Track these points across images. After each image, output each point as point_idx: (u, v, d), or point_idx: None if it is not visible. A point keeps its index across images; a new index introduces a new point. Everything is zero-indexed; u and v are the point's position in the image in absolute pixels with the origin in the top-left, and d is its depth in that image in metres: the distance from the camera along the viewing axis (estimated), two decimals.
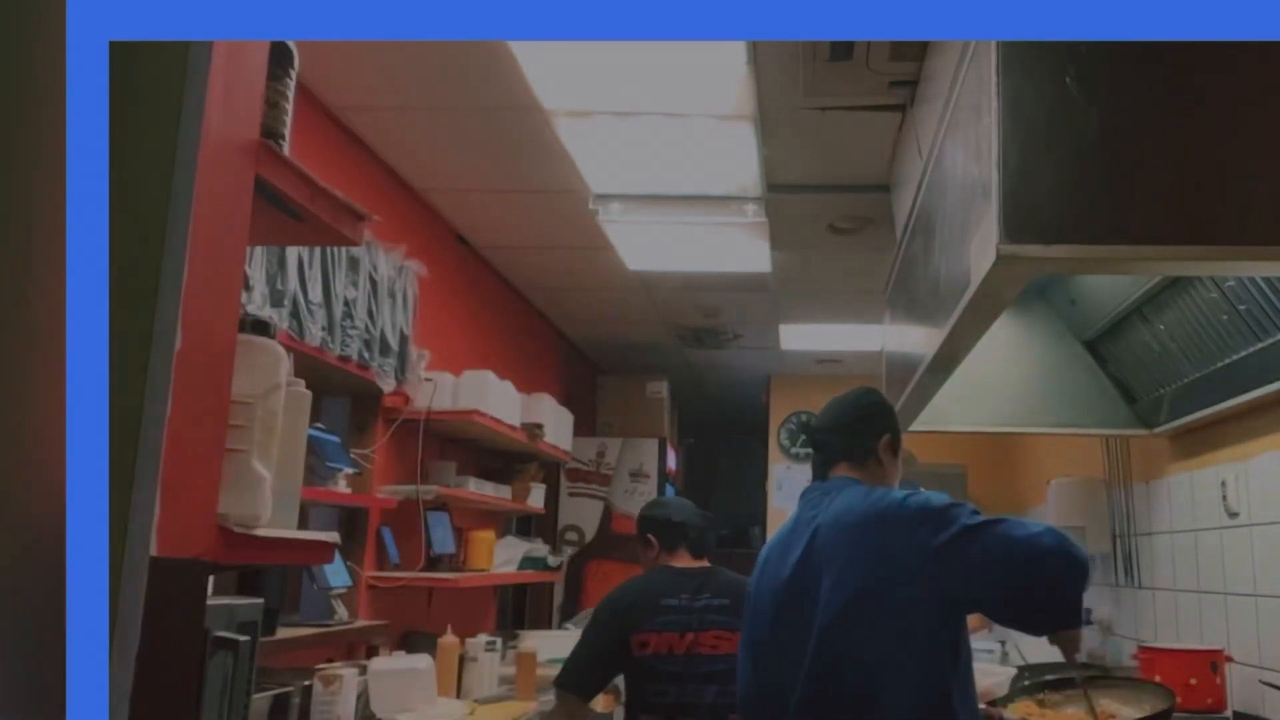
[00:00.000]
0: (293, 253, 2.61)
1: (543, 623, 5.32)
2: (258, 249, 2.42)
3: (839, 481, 1.96)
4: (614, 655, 2.59)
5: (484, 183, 3.42)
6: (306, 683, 2.43)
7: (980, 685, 2.06)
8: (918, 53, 2.35)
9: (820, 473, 2.02)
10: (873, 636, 1.73)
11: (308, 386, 1.40)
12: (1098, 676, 2.54)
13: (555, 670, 2.58)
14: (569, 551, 5.57)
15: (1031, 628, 1.75)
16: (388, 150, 3.21)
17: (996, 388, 3.00)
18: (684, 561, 2.66)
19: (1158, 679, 2.42)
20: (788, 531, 2.01)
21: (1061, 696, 2.34)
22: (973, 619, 2.02)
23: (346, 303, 2.92)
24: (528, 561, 4.38)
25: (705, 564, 2.68)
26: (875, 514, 1.79)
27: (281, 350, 1.29)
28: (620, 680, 2.73)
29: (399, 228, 3.35)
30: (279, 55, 1.30)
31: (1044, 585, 1.66)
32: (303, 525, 2.66)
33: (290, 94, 1.35)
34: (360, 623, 3.08)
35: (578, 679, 2.61)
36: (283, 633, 2.58)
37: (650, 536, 2.70)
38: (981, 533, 1.68)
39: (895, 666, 1.71)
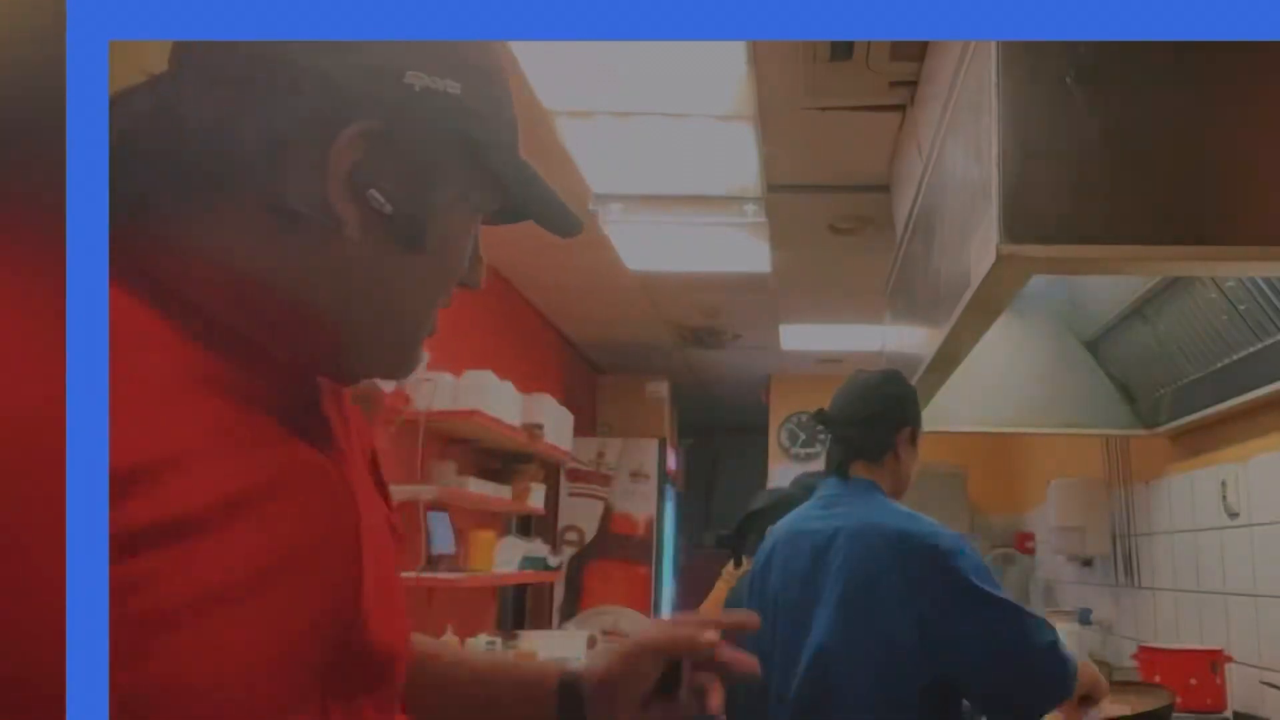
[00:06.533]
0: None
1: (543, 623, 5.32)
2: None
3: (858, 485, 1.93)
4: None
5: None
6: None
7: None
8: (918, 53, 2.35)
9: (835, 468, 1.98)
10: (862, 668, 1.73)
11: None
12: None
13: None
14: (569, 552, 5.57)
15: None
16: None
17: (996, 388, 3.00)
18: None
19: (1158, 679, 2.42)
20: (799, 521, 1.96)
21: None
22: None
23: None
24: (528, 562, 4.38)
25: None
26: (898, 539, 1.77)
27: None
28: None
29: None
30: None
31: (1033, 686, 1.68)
32: None
33: None
34: None
35: None
36: None
37: None
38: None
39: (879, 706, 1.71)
